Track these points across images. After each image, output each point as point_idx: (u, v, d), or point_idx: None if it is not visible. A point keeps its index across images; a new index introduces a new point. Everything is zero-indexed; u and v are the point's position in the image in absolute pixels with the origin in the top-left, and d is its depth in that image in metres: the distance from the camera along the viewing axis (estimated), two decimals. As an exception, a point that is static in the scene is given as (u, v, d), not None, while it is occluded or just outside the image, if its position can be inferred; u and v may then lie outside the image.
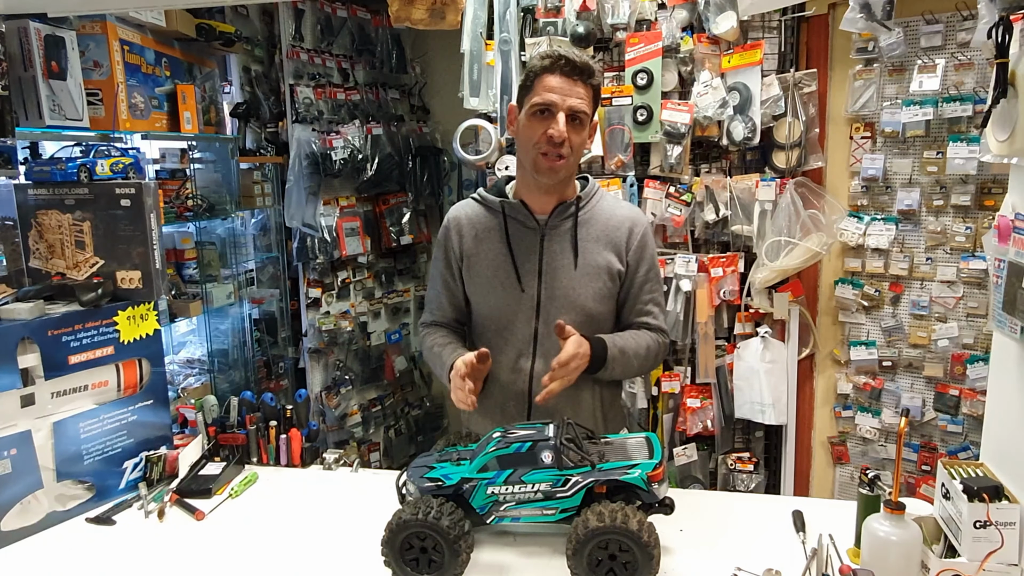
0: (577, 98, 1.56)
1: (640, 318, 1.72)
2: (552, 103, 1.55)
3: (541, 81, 1.57)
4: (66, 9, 1.93)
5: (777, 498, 2.53)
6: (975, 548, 1.19)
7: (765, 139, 2.65)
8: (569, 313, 1.64)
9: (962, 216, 2.48)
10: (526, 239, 1.68)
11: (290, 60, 3.24)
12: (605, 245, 1.68)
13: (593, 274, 1.66)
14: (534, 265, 1.67)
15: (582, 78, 1.57)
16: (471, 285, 1.73)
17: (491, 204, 1.72)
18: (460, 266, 1.73)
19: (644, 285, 1.71)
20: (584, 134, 1.61)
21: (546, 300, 1.66)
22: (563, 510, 1.32)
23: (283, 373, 3.51)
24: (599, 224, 1.69)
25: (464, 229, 1.72)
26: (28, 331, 1.56)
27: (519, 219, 1.68)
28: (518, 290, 1.66)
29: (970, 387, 2.49)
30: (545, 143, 1.57)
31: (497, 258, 1.68)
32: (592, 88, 1.60)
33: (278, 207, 3.37)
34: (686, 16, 2.63)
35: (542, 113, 1.57)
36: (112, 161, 1.78)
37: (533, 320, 1.67)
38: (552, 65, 1.56)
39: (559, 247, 1.67)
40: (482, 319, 1.73)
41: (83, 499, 1.66)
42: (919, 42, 2.46)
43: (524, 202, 1.69)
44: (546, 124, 1.56)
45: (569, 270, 1.66)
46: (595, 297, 1.67)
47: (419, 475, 1.38)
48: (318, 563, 1.42)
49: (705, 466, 2.86)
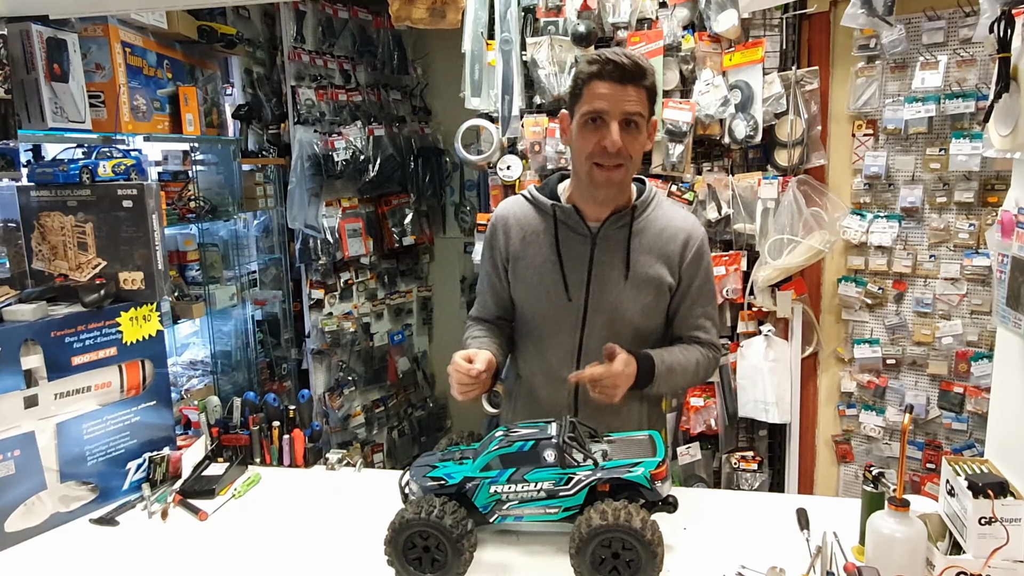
0: (629, 102, 1.46)
1: (691, 332, 1.67)
2: (603, 111, 1.47)
3: (590, 88, 1.48)
4: (68, 11, 1.93)
5: (781, 496, 2.52)
6: (980, 545, 1.18)
7: (767, 137, 2.64)
8: (615, 326, 1.60)
9: (965, 213, 2.48)
10: (576, 246, 1.60)
11: (292, 62, 3.25)
12: (658, 257, 1.60)
13: (643, 288, 1.60)
14: (583, 275, 1.60)
15: (633, 82, 1.46)
16: (516, 287, 1.67)
17: (542, 206, 1.64)
18: (506, 267, 1.67)
19: (697, 299, 1.65)
20: (641, 138, 1.52)
21: (592, 312, 1.60)
22: (566, 509, 1.31)
23: (286, 374, 3.51)
24: (653, 234, 1.61)
25: (512, 229, 1.65)
26: (31, 332, 1.56)
27: (570, 225, 1.61)
28: (564, 299, 1.60)
29: (975, 384, 2.49)
30: (600, 154, 1.49)
31: (545, 264, 1.62)
32: (646, 89, 1.49)
33: (280, 208, 3.37)
34: (687, 14, 2.63)
35: (593, 122, 1.48)
36: (114, 162, 1.78)
37: (578, 332, 1.61)
38: (600, 71, 1.46)
39: (610, 257, 1.60)
40: (525, 324, 1.68)
41: (87, 500, 1.66)
42: (921, 39, 2.46)
43: (577, 207, 1.61)
44: (599, 134, 1.48)
45: (619, 282, 1.59)
46: (643, 312, 1.61)
47: (422, 474, 1.38)
48: (322, 563, 1.42)
49: (709, 465, 2.86)
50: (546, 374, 1.67)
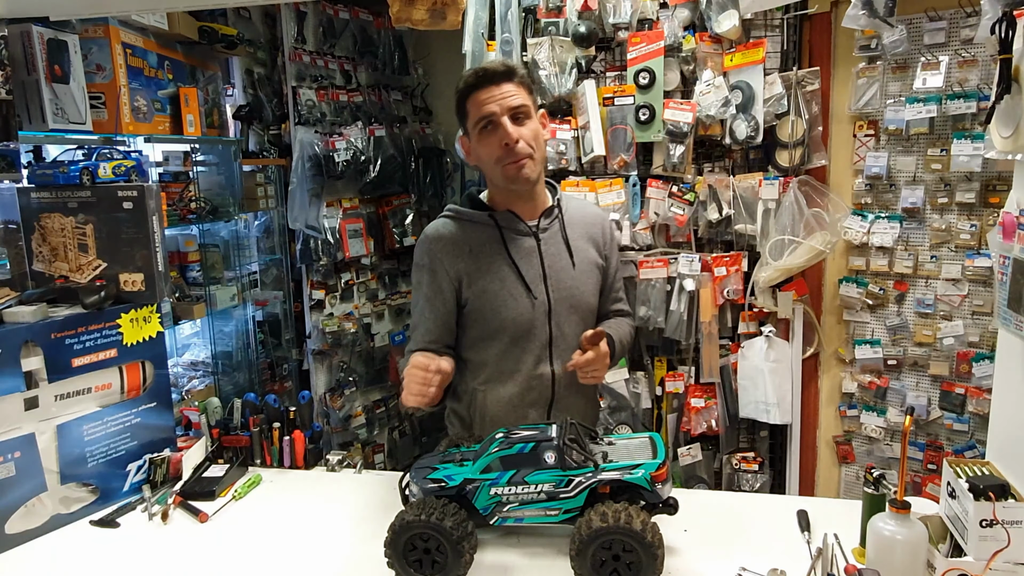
0: (510, 97, 1.58)
1: (615, 305, 1.86)
2: (491, 113, 1.58)
3: (472, 100, 1.61)
4: (69, 13, 1.93)
5: (782, 498, 2.52)
6: (981, 547, 1.18)
7: (768, 138, 2.64)
8: (577, 312, 1.73)
9: (967, 213, 2.47)
10: (524, 246, 1.70)
11: (292, 62, 3.24)
12: (588, 241, 1.77)
13: (588, 270, 1.75)
14: (538, 271, 1.69)
15: (507, 79, 1.59)
16: (479, 301, 1.68)
17: (477, 218, 1.71)
18: (457, 287, 1.69)
19: (616, 274, 1.86)
20: (534, 124, 1.63)
21: (556, 302, 1.70)
22: (566, 511, 1.31)
23: (287, 375, 3.51)
24: (579, 224, 1.77)
25: (454, 248, 1.69)
26: (31, 334, 1.56)
27: (512, 227, 1.70)
28: (530, 298, 1.68)
29: (976, 385, 2.48)
30: (505, 154, 1.60)
31: (501, 270, 1.68)
32: (521, 83, 1.62)
33: (281, 209, 3.37)
34: (688, 15, 2.63)
35: (487, 127, 1.60)
36: (114, 164, 1.79)
37: (547, 324, 1.69)
38: (474, 82, 1.60)
39: (556, 249, 1.72)
40: (495, 331, 1.69)
41: (87, 502, 1.66)
42: (922, 39, 2.45)
43: (511, 211, 1.71)
44: (496, 135, 1.59)
45: (569, 270, 1.72)
46: (593, 292, 1.77)
47: (422, 476, 1.38)
48: (322, 565, 1.42)
49: (709, 466, 2.86)
50: (524, 371, 1.70)
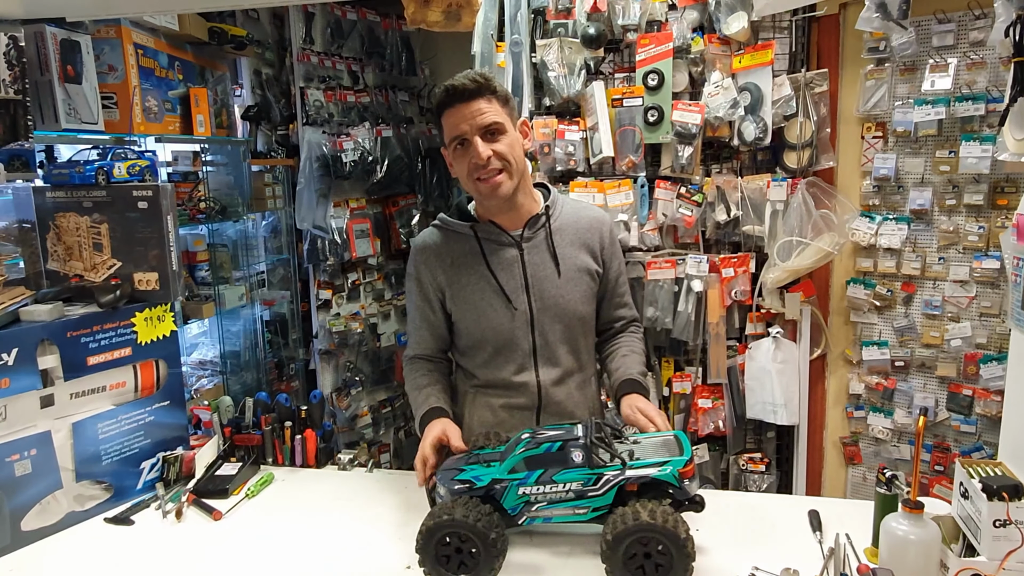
0: (481, 115, 1.57)
1: (618, 311, 1.83)
2: (462, 132, 1.58)
3: (445, 118, 1.61)
4: (84, 14, 1.94)
5: (792, 498, 2.52)
6: (995, 547, 1.19)
7: (776, 139, 2.64)
8: (563, 320, 1.70)
9: (975, 215, 2.48)
10: (506, 257, 1.69)
11: (300, 63, 3.26)
12: (580, 248, 1.73)
13: (576, 279, 1.71)
14: (519, 281, 1.68)
15: (479, 95, 1.57)
16: (460, 312, 1.71)
17: (459, 229, 1.72)
18: (441, 297, 1.73)
19: (619, 279, 1.81)
20: (509, 138, 1.61)
21: (539, 313, 1.69)
22: (595, 509, 1.32)
23: (294, 374, 3.52)
24: (571, 229, 1.73)
25: (437, 259, 1.71)
26: (47, 333, 1.57)
27: (493, 238, 1.69)
28: (510, 309, 1.67)
29: (983, 387, 2.48)
30: (475, 169, 1.59)
31: (480, 281, 1.68)
32: (495, 97, 1.60)
33: (289, 209, 3.38)
34: (697, 17, 2.63)
35: (461, 145, 1.60)
36: (129, 164, 1.80)
37: (529, 334, 1.69)
38: (446, 100, 1.59)
39: (540, 259, 1.69)
40: (478, 342, 1.72)
41: (101, 499, 1.67)
42: (931, 41, 2.45)
43: (494, 221, 1.70)
44: (468, 153, 1.59)
45: (553, 279, 1.69)
46: (582, 300, 1.73)
47: (449, 477, 1.38)
48: (335, 562, 1.43)
49: (717, 467, 2.86)
50: (505, 384, 1.72)
